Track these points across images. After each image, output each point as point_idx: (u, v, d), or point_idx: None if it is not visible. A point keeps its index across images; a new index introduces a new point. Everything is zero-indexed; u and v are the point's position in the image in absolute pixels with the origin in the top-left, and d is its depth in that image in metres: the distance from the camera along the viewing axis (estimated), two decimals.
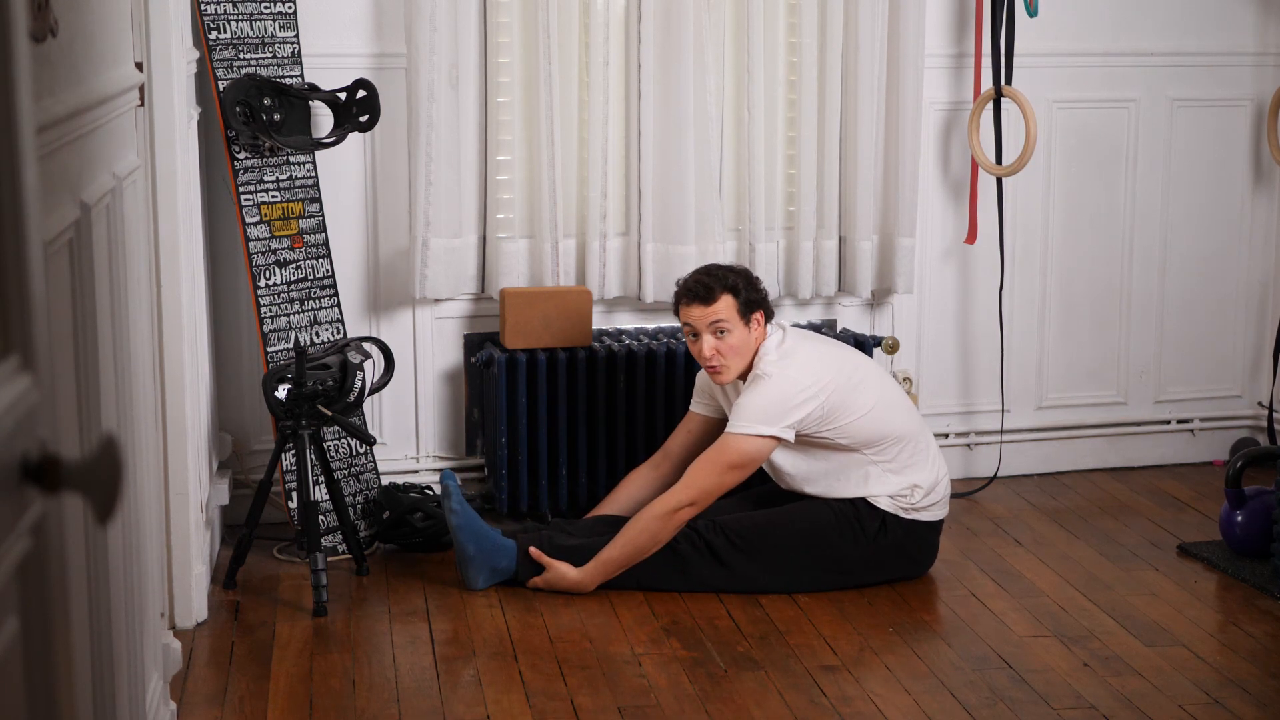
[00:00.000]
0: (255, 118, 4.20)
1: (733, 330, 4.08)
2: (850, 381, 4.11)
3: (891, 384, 4.28)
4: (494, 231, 4.64)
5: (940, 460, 4.23)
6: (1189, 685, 3.57)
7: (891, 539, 4.12)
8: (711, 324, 4.07)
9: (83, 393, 2.28)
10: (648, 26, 4.56)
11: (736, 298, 4.09)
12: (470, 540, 4.07)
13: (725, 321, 4.07)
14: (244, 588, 4.13)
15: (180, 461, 3.70)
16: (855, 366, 4.18)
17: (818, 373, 4.09)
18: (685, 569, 4.08)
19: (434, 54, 4.41)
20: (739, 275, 4.14)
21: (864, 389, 4.12)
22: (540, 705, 3.44)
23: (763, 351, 4.11)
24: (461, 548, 4.08)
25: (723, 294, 4.09)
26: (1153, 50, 5.09)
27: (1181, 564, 4.39)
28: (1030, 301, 5.12)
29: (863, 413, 4.09)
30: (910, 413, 4.22)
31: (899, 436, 4.13)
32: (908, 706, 3.45)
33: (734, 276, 4.13)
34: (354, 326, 4.61)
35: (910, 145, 4.78)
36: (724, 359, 4.09)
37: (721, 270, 4.15)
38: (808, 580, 4.11)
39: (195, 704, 3.45)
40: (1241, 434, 5.36)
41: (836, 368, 4.13)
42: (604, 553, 4.05)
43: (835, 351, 4.21)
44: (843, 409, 4.08)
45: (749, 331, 4.10)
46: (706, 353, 4.09)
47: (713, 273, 4.14)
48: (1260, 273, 5.29)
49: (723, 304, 4.08)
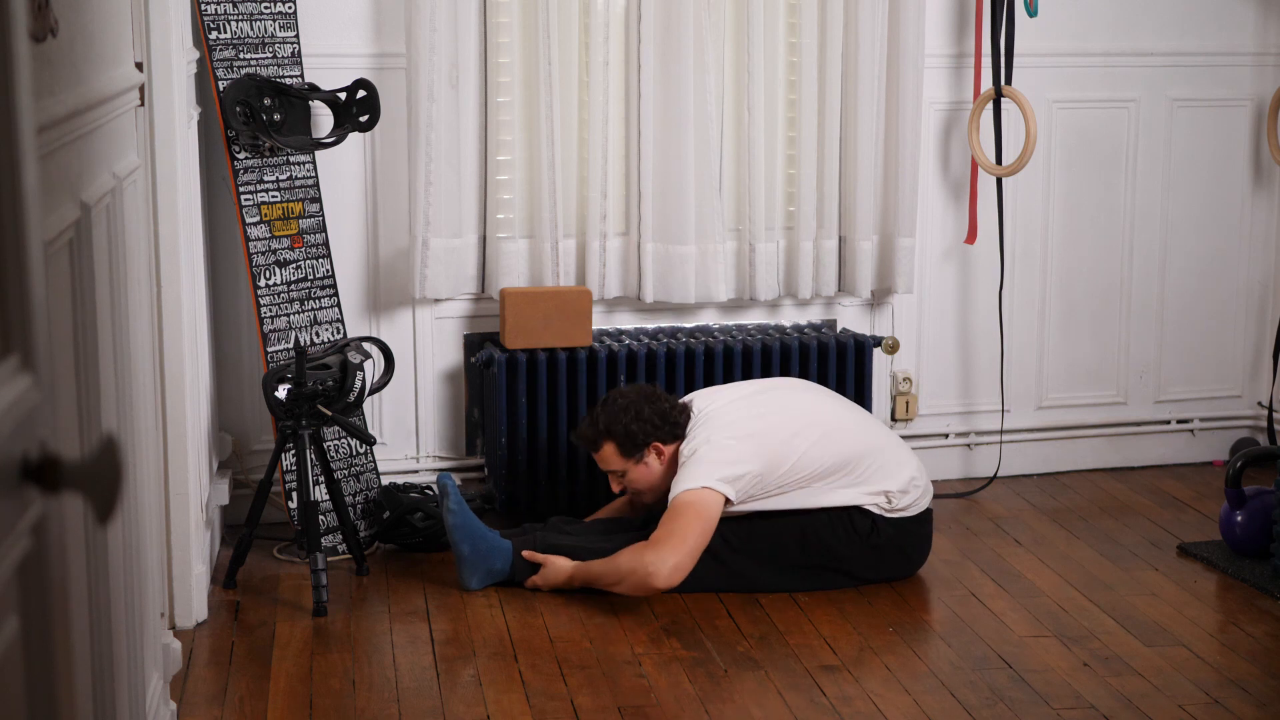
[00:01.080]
0: (255, 118, 4.20)
1: (626, 471, 4.14)
2: (776, 437, 4.05)
3: (829, 410, 4.19)
4: (494, 231, 4.64)
5: (908, 460, 4.17)
6: (1189, 685, 3.57)
7: (884, 537, 4.12)
8: (608, 470, 4.17)
9: (83, 393, 2.28)
10: (648, 26, 4.56)
11: (616, 444, 4.10)
12: (465, 540, 4.07)
13: (616, 470, 4.14)
14: (244, 588, 4.13)
15: (180, 461, 3.70)
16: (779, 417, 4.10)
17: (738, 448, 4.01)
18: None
19: (434, 54, 4.41)
20: (623, 415, 4.08)
21: (796, 436, 4.06)
22: (540, 705, 3.44)
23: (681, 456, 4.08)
24: (457, 548, 4.08)
25: (605, 442, 4.13)
26: (1153, 50, 5.09)
27: (1181, 564, 4.39)
28: (1030, 301, 5.12)
29: (798, 455, 4.04)
30: (859, 430, 4.15)
31: (849, 459, 4.08)
32: (908, 706, 3.45)
33: (611, 418, 4.08)
34: (354, 326, 4.61)
35: (910, 145, 4.78)
36: (635, 489, 4.17)
37: (604, 413, 4.11)
38: (805, 579, 4.11)
39: (195, 704, 3.45)
40: (1241, 434, 5.36)
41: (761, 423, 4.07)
42: (593, 566, 4.02)
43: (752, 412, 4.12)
44: (782, 456, 4.03)
45: (647, 466, 4.12)
46: (617, 488, 4.20)
47: (595, 419, 4.12)
48: (1260, 273, 5.29)
49: (606, 451, 4.14)
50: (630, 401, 4.12)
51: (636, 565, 3.91)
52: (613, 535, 4.15)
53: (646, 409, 4.10)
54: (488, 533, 4.10)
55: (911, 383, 5.02)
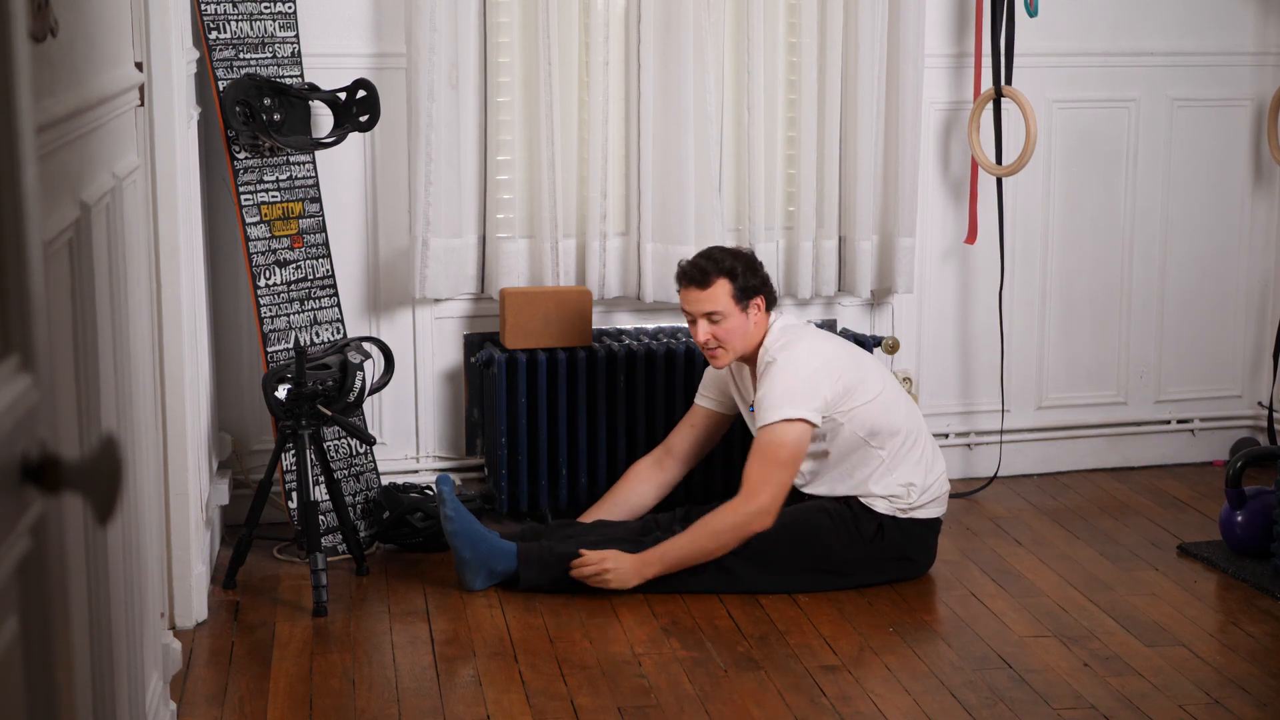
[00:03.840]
0: (255, 118, 4.20)
1: (728, 317, 4.06)
2: (857, 365, 4.15)
3: (892, 380, 4.30)
4: (494, 231, 4.63)
5: (938, 459, 4.24)
6: (1189, 685, 3.57)
7: (889, 541, 4.13)
8: (706, 311, 4.07)
9: (83, 393, 2.28)
10: (648, 26, 4.56)
11: (733, 282, 4.07)
12: (465, 545, 4.05)
13: (720, 312, 4.06)
14: (244, 588, 4.13)
15: (180, 461, 3.70)
16: (859, 356, 4.23)
17: (826, 354, 4.10)
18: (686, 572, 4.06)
19: (434, 54, 4.41)
20: (739, 259, 4.11)
21: (870, 376, 4.15)
22: (540, 705, 3.44)
23: (767, 341, 4.11)
24: (457, 553, 4.08)
25: (718, 279, 4.07)
26: (1153, 50, 5.09)
27: (1181, 564, 4.39)
28: (1030, 301, 5.12)
29: (870, 397, 4.10)
30: (910, 409, 4.23)
31: (897, 429, 4.13)
32: (908, 706, 3.45)
33: (732, 260, 4.10)
34: (354, 326, 4.61)
35: (910, 145, 4.78)
36: (720, 343, 4.08)
37: (720, 253, 4.13)
38: (805, 582, 4.10)
39: (195, 704, 3.45)
40: (1241, 434, 5.36)
41: (845, 351, 4.17)
42: (671, 546, 4.00)
43: (838, 340, 4.25)
44: (854, 390, 4.09)
45: (746, 317, 4.09)
46: (701, 337, 4.09)
47: (711, 256, 4.12)
48: (1260, 273, 5.29)
49: (718, 289, 4.06)
50: (745, 255, 4.15)
51: (738, 520, 3.97)
52: (623, 542, 4.11)
53: (759, 268, 4.12)
54: (488, 534, 4.08)
55: (911, 382, 5.02)
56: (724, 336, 4.07)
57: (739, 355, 4.12)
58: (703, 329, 4.08)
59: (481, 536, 4.06)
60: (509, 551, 4.08)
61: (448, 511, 4.03)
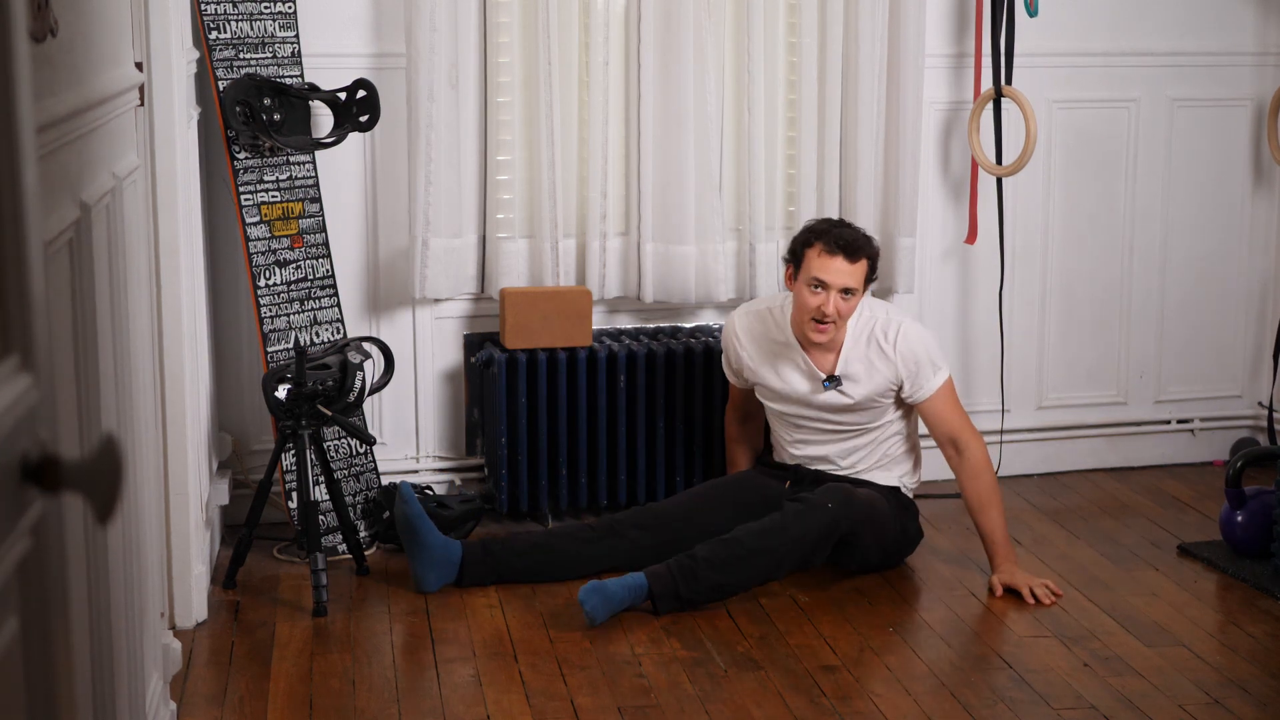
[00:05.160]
0: (255, 118, 4.20)
1: (855, 296, 4.11)
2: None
3: None
4: (494, 231, 4.63)
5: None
6: (1189, 685, 3.57)
7: (910, 516, 4.31)
8: (846, 286, 4.07)
9: (83, 393, 2.28)
10: (648, 26, 4.56)
11: (870, 267, 4.15)
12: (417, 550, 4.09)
13: (854, 289, 4.10)
14: (244, 588, 4.13)
15: (180, 461, 3.70)
16: None
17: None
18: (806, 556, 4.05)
19: (434, 54, 4.41)
20: (874, 245, 4.18)
21: None
22: (540, 705, 3.44)
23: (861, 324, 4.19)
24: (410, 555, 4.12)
25: (865, 259, 4.11)
26: (1153, 50, 5.08)
27: (1181, 564, 4.39)
28: (1030, 301, 5.12)
29: None
30: None
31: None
32: (908, 706, 3.45)
33: (873, 246, 4.17)
34: (354, 326, 4.61)
35: (910, 145, 4.78)
36: (840, 314, 4.10)
37: (864, 235, 4.17)
38: (875, 562, 4.23)
39: (195, 704, 3.45)
40: (1241, 434, 5.36)
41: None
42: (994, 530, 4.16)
43: None
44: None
45: (860, 299, 4.16)
46: (830, 309, 4.07)
47: (861, 234, 4.15)
48: (1260, 273, 5.29)
49: (862, 268, 4.11)
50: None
51: (983, 464, 4.20)
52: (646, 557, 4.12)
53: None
54: (434, 536, 4.08)
55: None
56: (845, 313, 4.11)
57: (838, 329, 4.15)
58: (833, 301, 4.07)
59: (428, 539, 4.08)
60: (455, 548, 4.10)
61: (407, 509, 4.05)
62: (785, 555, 3.98)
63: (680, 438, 4.62)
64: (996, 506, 4.18)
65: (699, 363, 4.61)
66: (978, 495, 4.18)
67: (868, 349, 4.17)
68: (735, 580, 3.95)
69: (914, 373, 4.18)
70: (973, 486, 4.19)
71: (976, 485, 4.19)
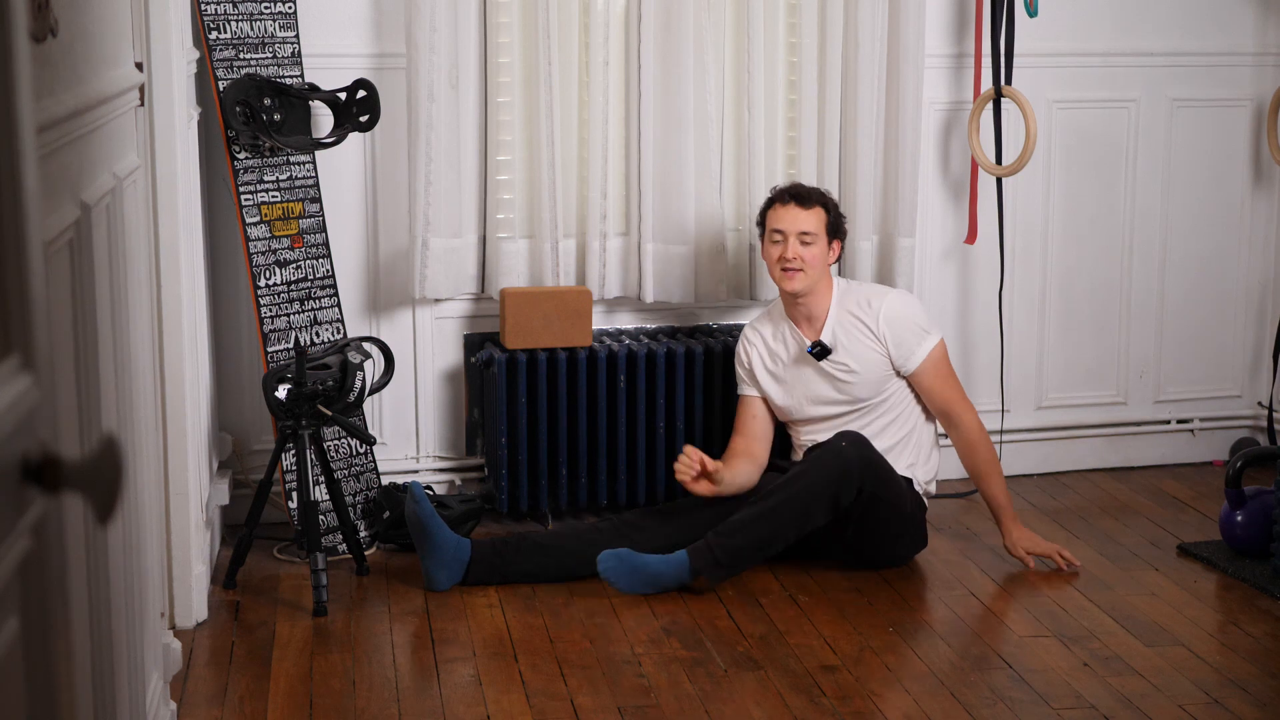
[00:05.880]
0: (255, 118, 4.20)
1: (816, 243, 4.25)
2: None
3: None
4: (494, 231, 4.63)
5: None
6: (1189, 685, 3.57)
7: (918, 507, 4.32)
8: (801, 232, 4.24)
9: (83, 393, 2.28)
10: (648, 26, 4.56)
11: (828, 214, 4.29)
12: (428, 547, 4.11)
13: (812, 234, 4.24)
14: (244, 588, 4.13)
15: (180, 461, 3.70)
16: None
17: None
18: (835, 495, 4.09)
19: (434, 54, 4.41)
20: (832, 199, 4.35)
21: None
22: (540, 705, 3.44)
23: (847, 296, 4.32)
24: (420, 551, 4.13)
25: (818, 205, 4.28)
26: (1153, 50, 5.09)
27: (1181, 564, 4.39)
28: (1030, 301, 5.12)
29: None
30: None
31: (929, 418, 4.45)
32: (908, 706, 3.45)
33: (827, 197, 4.34)
34: (354, 326, 4.61)
35: (910, 145, 4.78)
36: (804, 264, 4.24)
37: (817, 189, 4.35)
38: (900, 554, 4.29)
39: (195, 704, 3.45)
40: (1241, 434, 5.36)
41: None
42: (997, 495, 4.30)
43: None
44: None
45: (828, 252, 4.29)
46: (790, 254, 4.23)
47: (811, 187, 4.35)
48: (1260, 273, 5.29)
49: (818, 214, 4.27)
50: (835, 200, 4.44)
51: (980, 436, 4.34)
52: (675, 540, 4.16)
53: (843, 219, 4.39)
54: (446, 535, 4.10)
55: None
56: (809, 259, 4.24)
57: (810, 285, 4.26)
58: (793, 246, 4.24)
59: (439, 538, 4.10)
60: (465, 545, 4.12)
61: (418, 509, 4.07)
62: (813, 497, 4.06)
63: (680, 438, 4.62)
64: (997, 474, 4.33)
65: (699, 363, 4.61)
66: (975, 467, 4.35)
67: (852, 317, 4.30)
68: (769, 533, 4.05)
69: (901, 338, 4.29)
70: (970, 459, 4.36)
71: (974, 458, 4.35)
